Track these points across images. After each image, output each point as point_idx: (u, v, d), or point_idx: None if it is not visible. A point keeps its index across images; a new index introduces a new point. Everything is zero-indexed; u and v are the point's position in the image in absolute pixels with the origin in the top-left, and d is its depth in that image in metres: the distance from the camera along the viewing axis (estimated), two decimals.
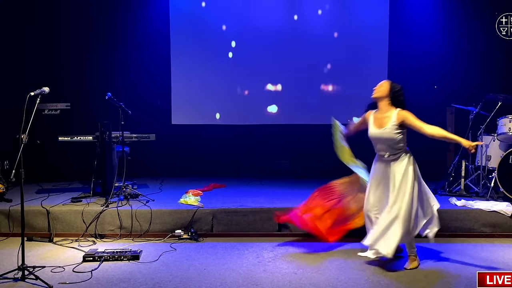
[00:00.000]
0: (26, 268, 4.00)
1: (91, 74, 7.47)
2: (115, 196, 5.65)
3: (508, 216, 5.24)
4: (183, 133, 7.75)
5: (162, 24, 7.68)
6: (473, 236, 5.23)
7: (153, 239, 5.14)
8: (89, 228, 5.21)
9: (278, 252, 4.74)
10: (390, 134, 4.18)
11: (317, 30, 7.66)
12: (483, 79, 7.37)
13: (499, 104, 5.99)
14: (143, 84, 7.66)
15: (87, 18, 7.45)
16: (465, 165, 6.11)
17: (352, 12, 7.68)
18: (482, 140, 6.01)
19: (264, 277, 4.10)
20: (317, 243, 4.94)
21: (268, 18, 7.64)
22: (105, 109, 6.43)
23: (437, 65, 7.51)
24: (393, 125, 4.17)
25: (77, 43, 7.47)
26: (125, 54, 7.58)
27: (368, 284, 3.96)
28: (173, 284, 3.96)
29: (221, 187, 6.63)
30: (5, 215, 5.29)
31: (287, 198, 5.82)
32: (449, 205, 5.52)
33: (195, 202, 5.51)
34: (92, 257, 4.48)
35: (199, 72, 7.71)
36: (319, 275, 4.15)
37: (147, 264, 4.42)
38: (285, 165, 7.88)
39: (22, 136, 3.99)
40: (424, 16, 7.57)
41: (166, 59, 7.71)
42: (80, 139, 5.91)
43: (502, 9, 7.20)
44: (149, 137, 6.06)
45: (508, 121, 5.88)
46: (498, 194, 5.79)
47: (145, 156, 7.18)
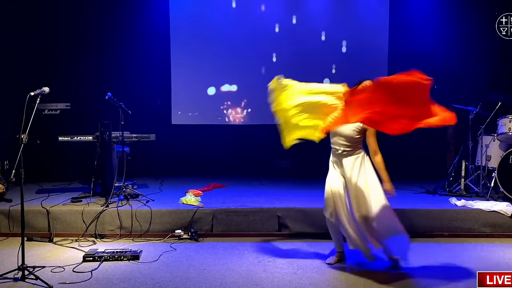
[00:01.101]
0: (26, 268, 4.00)
1: (91, 74, 7.47)
2: (115, 196, 5.65)
3: (508, 216, 5.24)
4: (183, 133, 7.76)
5: (162, 24, 7.68)
6: (473, 236, 5.23)
7: (153, 239, 5.14)
8: (89, 228, 5.21)
9: (278, 252, 4.74)
10: (347, 132, 4.17)
11: (317, 31, 7.67)
12: (483, 79, 7.37)
13: (499, 104, 5.99)
14: (143, 84, 7.66)
15: (87, 18, 7.44)
16: (465, 165, 6.11)
17: (352, 12, 7.69)
18: (482, 141, 6.03)
19: (264, 277, 4.10)
20: (317, 243, 4.95)
21: (268, 19, 7.65)
22: (105, 109, 6.42)
23: (437, 65, 7.51)
24: (357, 126, 4.16)
25: (77, 43, 7.47)
26: (125, 54, 7.58)
27: (368, 284, 3.96)
28: (173, 284, 3.96)
29: (221, 187, 6.63)
30: (5, 215, 5.29)
31: (287, 198, 5.83)
32: (449, 205, 5.52)
33: (195, 202, 5.51)
34: (92, 257, 4.47)
35: (199, 72, 7.71)
36: (319, 275, 4.15)
37: (147, 264, 4.42)
38: (285, 165, 7.88)
39: (22, 136, 3.99)
40: (424, 16, 7.57)
41: (166, 59, 7.71)
42: (80, 139, 5.91)
43: (502, 9, 7.20)
44: (149, 137, 6.06)
45: (508, 121, 5.88)
46: (498, 194, 5.79)
47: (145, 156, 7.18)
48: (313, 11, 7.74)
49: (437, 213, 5.30)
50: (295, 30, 7.68)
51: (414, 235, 5.21)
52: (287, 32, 7.67)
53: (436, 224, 5.27)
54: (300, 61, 7.56)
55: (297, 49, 7.62)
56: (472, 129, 6.15)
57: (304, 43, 7.64)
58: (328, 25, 7.70)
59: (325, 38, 7.69)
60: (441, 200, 5.76)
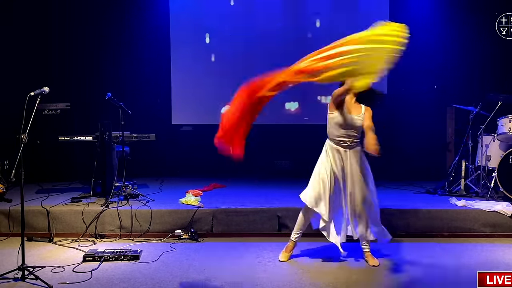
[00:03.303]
0: (26, 268, 4.00)
1: (91, 74, 7.47)
2: (115, 196, 5.65)
3: (508, 216, 5.24)
4: (183, 133, 7.75)
5: (162, 24, 7.68)
6: (473, 236, 5.22)
7: (153, 239, 5.14)
8: (89, 228, 5.21)
9: (278, 252, 4.73)
10: (359, 122, 4.26)
11: (317, 31, 7.66)
12: (483, 79, 7.37)
13: (499, 104, 5.99)
14: (143, 84, 7.66)
15: (87, 18, 7.45)
16: (465, 165, 6.11)
17: (352, 12, 7.68)
18: (482, 141, 6.03)
19: (264, 277, 4.10)
20: (317, 243, 4.95)
21: (267, 19, 7.64)
22: (105, 109, 6.42)
23: (437, 65, 7.51)
24: (362, 115, 4.28)
25: (77, 43, 7.47)
26: (125, 54, 7.58)
27: (368, 284, 3.96)
28: (173, 284, 3.96)
29: (221, 187, 6.63)
30: (5, 215, 5.29)
31: (287, 198, 5.82)
32: (449, 205, 5.51)
33: (195, 202, 5.51)
34: (92, 257, 4.48)
35: (199, 72, 7.71)
36: (319, 275, 4.15)
37: (147, 264, 4.42)
38: (285, 165, 7.88)
39: (22, 136, 3.98)
40: (424, 16, 7.55)
41: (166, 59, 7.71)
42: (80, 139, 5.91)
43: (502, 9, 7.20)
44: (149, 137, 6.06)
45: (508, 121, 5.88)
46: (498, 194, 5.79)
47: (145, 156, 7.18)
48: (313, 11, 7.74)
49: (437, 213, 5.30)
50: (295, 30, 7.67)
51: (414, 235, 5.24)
52: (287, 32, 7.67)
53: (436, 224, 5.27)
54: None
55: (297, 49, 7.61)
56: (472, 129, 6.15)
57: (304, 43, 7.63)
58: (328, 25, 7.68)
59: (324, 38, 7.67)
60: (441, 200, 5.76)
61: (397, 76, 7.58)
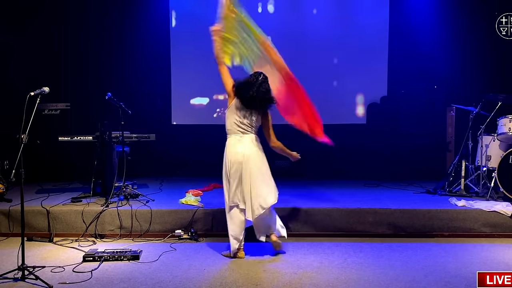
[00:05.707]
0: (26, 268, 4.00)
1: (91, 74, 7.47)
2: (115, 196, 5.65)
3: (508, 216, 5.24)
4: (183, 133, 7.75)
5: (162, 24, 7.68)
6: (473, 236, 5.22)
7: (153, 239, 5.14)
8: (89, 228, 5.21)
9: (278, 252, 4.73)
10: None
11: (317, 31, 7.66)
12: (483, 79, 7.37)
13: (499, 104, 5.99)
14: (143, 84, 7.67)
15: (87, 18, 7.45)
16: (465, 165, 6.11)
17: (352, 12, 7.69)
18: (482, 141, 6.03)
19: (264, 277, 4.10)
20: (317, 243, 4.95)
21: (267, 19, 7.64)
22: (105, 109, 6.42)
23: (437, 65, 7.51)
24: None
25: (77, 43, 7.47)
26: (125, 54, 7.59)
27: (368, 284, 3.96)
28: (173, 284, 3.96)
29: (221, 187, 6.59)
30: (5, 215, 5.29)
31: (287, 198, 5.82)
32: (449, 205, 5.51)
33: (195, 202, 5.51)
34: (92, 257, 4.48)
35: (199, 72, 7.71)
36: (319, 275, 4.15)
37: (147, 264, 4.42)
38: (285, 165, 7.87)
39: (22, 136, 3.98)
40: (424, 16, 7.57)
41: (166, 59, 7.72)
42: (80, 139, 5.91)
43: (502, 9, 7.20)
44: (149, 137, 6.05)
45: (508, 121, 5.88)
46: (498, 194, 5.79)
47: (145, 156, 7.18)
48: (313, 11, 7.74)
49: (437, 213, 5.30)
50: (295, 30, 7.67)
51: (415, 235, 5.24)
52: (287, 32, 7.66)
53: (436, 224, 5.27)
54: (300, 61, 7.55)
55: (297, 49, 7.61)
56: (472, 129, 6.15)
57: (303, 43, 7.64)
58: (328, 25, 7.69)
59: (325, 38, 7.68)
60: (441, 200, 5.76)
61: (397, 76, 7.60)
